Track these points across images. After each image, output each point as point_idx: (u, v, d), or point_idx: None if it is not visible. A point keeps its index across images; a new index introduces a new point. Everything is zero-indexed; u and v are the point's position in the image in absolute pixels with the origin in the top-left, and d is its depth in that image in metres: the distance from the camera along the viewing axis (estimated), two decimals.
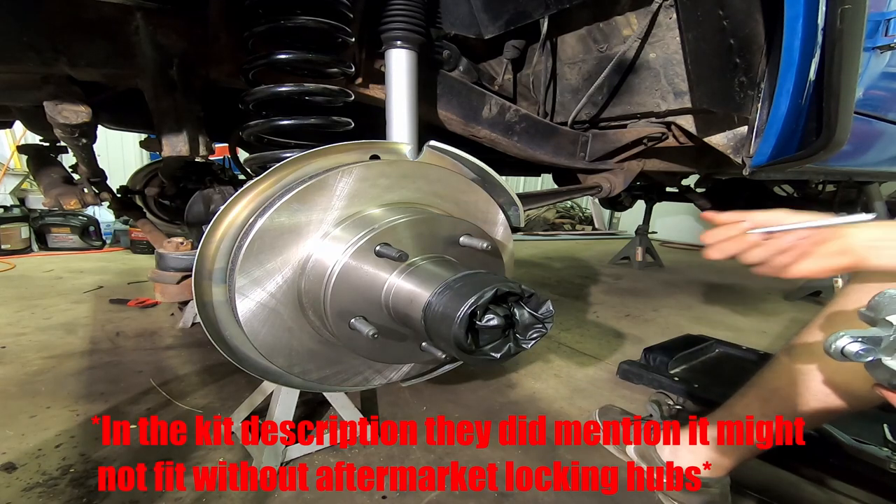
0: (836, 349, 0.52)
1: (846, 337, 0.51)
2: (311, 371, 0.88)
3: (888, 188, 3.26)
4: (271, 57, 0.88)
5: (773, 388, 0.93)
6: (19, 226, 3.60)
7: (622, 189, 1.55)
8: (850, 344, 0.51)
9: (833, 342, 0.52)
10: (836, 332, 0.52)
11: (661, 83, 1.20)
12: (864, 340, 0.50)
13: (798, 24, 0.87)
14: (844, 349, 0.51)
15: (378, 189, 0.83)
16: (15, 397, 1.35)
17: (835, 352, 0.52)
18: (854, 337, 0.51)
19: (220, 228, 0.76)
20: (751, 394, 0.97)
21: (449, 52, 1.17)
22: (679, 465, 1.02)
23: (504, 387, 1.53)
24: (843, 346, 0.51)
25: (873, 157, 1.47)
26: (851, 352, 0.51)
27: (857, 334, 0.51)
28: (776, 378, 0.94)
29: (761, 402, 0.95)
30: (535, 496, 1.03)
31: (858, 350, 0.51)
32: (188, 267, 0.95)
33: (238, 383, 1.46)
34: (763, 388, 0.96)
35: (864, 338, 0.51)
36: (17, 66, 0.80)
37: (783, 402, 0.91)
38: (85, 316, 2.10)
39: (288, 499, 0.98)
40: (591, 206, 6.83)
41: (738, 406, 0.98)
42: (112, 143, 4.64)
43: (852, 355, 0.51)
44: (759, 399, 0.95)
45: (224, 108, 1.20)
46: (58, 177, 1.39)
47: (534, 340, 0.73)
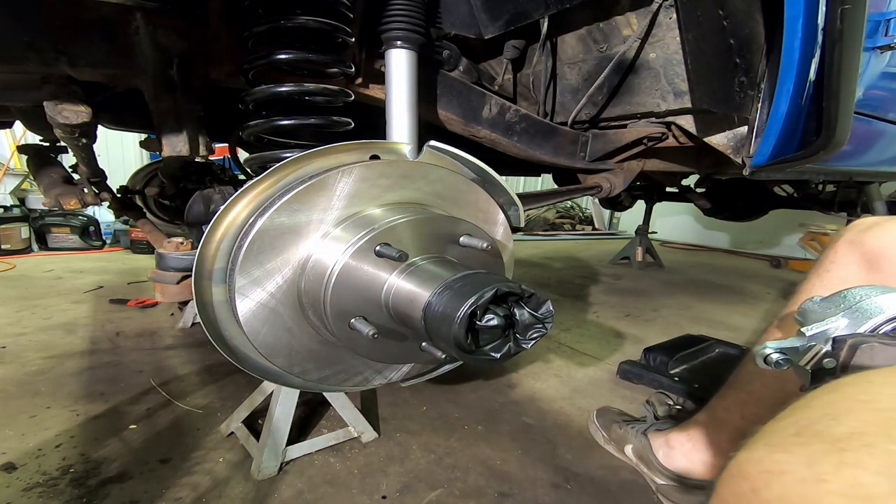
0: (760, 357, 0.54)
1: (768, 348, 0.54)
2: (311, 371, 0.88)
3: (888, 188, 3.26)
4: (271, 57, 0.88)
5: (749, 391, 0.94)
6: (19, 226, 3.60)
7: (622, 189, 1.55)
8: (772, 354, 0.54)
9: (759, 351, 0.54)
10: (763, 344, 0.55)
11: (661, 83, 1.20)
12: (785, 351, 0.53)
13: (798, 24, 0.88)
14: (767, 358, 0.54)
15: (378, 189, 0.83)
16: (15, 397, 1.35)
17: (759, 361, 0.55)
18: (774, 348, 0.54)
19: (220, 228, 0.76)
20: (729, 396, 0.98)
21: (449, 52, 1.17)
22: (675, 467, 1.02)
23: (504, 387, 1.53)
24: (766, 355, 0.54)
25: (873, 157, 1.47)
26: (773, 360, 0.53)
27: (777, 346, 0.54)
28: (750, 380, 0.95)
29: (740, 404, 0.95)
30: (535, 496, 1.03)
31: (778, 360, 0.53)
32: (188, 267, 0.96)
33: (238, 383, 1.46)
34: (740, 389, 0.97)
35: (785, 349, 0.53)
36: (17, 66, 0.80)
37: (760, 402, 0.92)
38: (85, 316, 2.10)
39: (288, 499, 0.98)
40: (591, 206, 6.82)
41: (719, 409, 0.99)
42: (112, 143, 4.64)
43: (773, 364, 0.53)
44: (738, 402, 0.96)
45: (224, 108, 1.20)
46: (58, 177, 1.39)
47: (534, 340, 0.73)
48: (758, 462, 0.33)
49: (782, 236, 4.89)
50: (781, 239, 4.90)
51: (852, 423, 0.32)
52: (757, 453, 0.34)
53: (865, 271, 0.83)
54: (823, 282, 0.88)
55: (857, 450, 0.29)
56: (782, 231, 4.83)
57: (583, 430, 1.29)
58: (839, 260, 0.87)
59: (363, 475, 1.07)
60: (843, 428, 0.32)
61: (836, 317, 0.53)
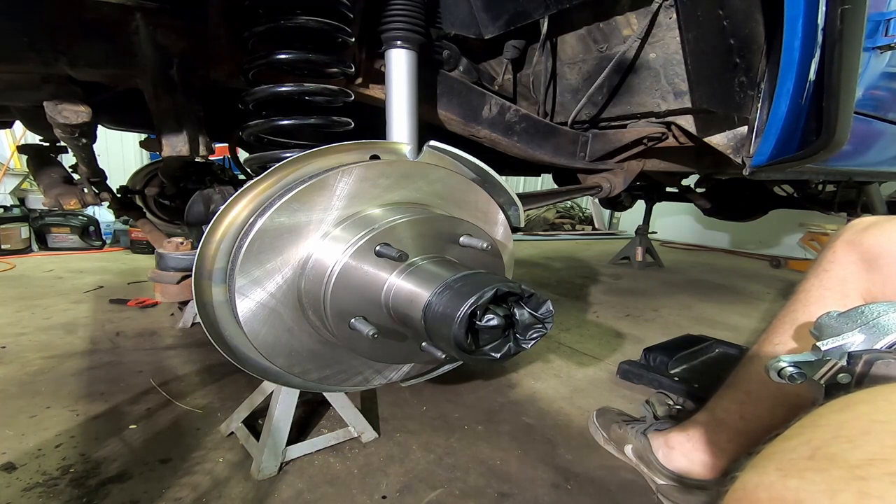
0: (774, 371, 0.54)
1: (783, 361, 0.54)
2: (311, 371, 0.88)
3: (888, 188, 3.26)
4: (271, 57, 0.88)
5: (748, 391, 0.94)
6: (19, 226, 3.60)
7: (622, 189, 1.55)
8: (787, 367, 0.54)
9: (773, 365, 0.54)
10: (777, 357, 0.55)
11: (661, 83, 1.20)
12: (800, 365, 0.53)
13: (798, 24, 0.88)
14: (781, 372, 0.54)
15: (378, 189, 0.83)
16: (15, 397, 1.35)
17: (773, 375, 0.55)
18: (789, 362, 0.54)
19: (220, 228, 0.76)
20: (728, 396, 0.98)
21: (449, 52, 1.17)
22: (674, 466, 1.02)
23: (504, 387, 1.53)
24: (780, 368, 0.54)
25: (873, 157, 1.47)
26: (787, 374, 0.53)
27: (792, 360, 0.54)
28: (749, 380, 0.94)
29: (739, 404, 0.95)
30: (534, 496, 1.03)
31: (793, 373, 0.53)
32: (188, 267, 0.96)
33: (238, 383, 1.46)
34: (738, 390, 0.96)
35: (800, 363, 0.53)
36: (17, 66, 0.80)
37: (759, 403, 0.92)
38: (85, 316, 2.09)
39: (288, 499, 0.98)
40: (591, 206, 6.82)
41: (717, 409, 0.99)
42: (112, 143, 4.64)
43: (788, 378, 0.54)
44: (737, 402, 0.96)
45: (224, 108, 1.20)
46: (58, 177, 1.39)
47: (534, 340, 0.73)
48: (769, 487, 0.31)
49: (782, 236, 4.89)
50: (781, 239, 4.90)
51: (871, 448, 0.30)
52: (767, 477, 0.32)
53: (864, 271, 0.83)
54: (822, 281, 0.88)
55: (880, 479, 0.27)
56: (782, 231, 4.84)
57: (583, 430, 1.29)
58: (838, 260, 0.87)
59: (363, 475, 1.07)
60: (861, 452, 0.30)
61: (852, 332, 0.53)
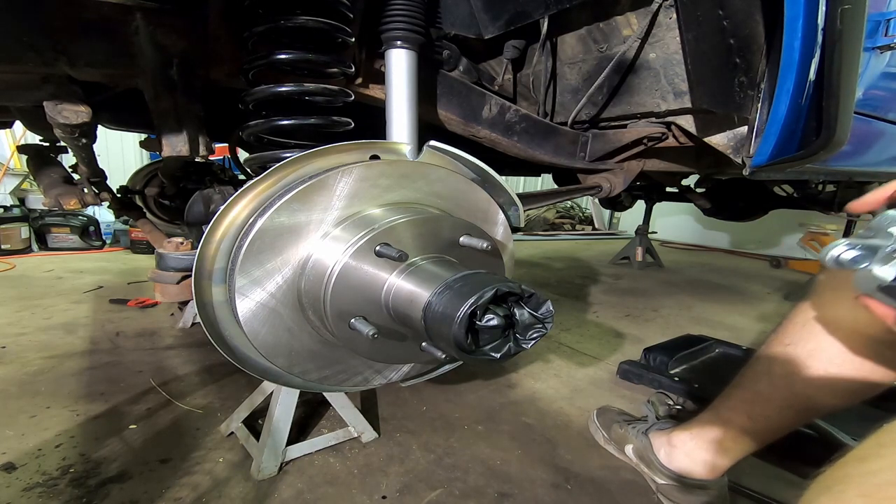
0: (832, 258, 0.51)
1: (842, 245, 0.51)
2: (311, 371, 0.88)
3: None
4: (271, 57, 0.88)
5: (756, 391, 0.93)
6: (19, 226, 3.60)
7: (622, 189, 1.55)
8: (846, 251, 0.51)
9: (829, 251, 0.51)
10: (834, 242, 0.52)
11: (661, 83, 1.20)
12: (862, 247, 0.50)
13: (798, 24, 0.87)
14: (839, 257, 0.51)
15: (378, 189, 0.83)
16: (15, 397, 1.35)
17: (829, 260, 0.51)
18: (851, 245, 0.50)
19: (220, 228, 0.76)
20: (735, 395, 0.97)
21: (449, 52, 1.17)
22: (676, 466, 1.02)
23: (504, 387, 1.53)
24: (839, 254, 0.51)
25: (873, 157, 1.47)
26: (845, 259, 0.50)
27: (855, 242, 0.50)
28: (757, 380, 0.94)
29: (746, 404, 0.95)
30: (534, 496, 1.03)
31: (854, 256, 0.50)
32: (188, 267, 0.96)
33: (238, 383, 1.46)
34: (746, 389, 0.96)
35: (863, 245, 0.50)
36: (17, 66, 0.80)
37: (767, 403, 0.91)
38: (85, 316, 2.10)
39: (288, 499, 0.98)
40: (591, 206, 6.82)
41: (723, 408, 0.98)
42: (112, 143, 4.64)
43: (846, 263, 0.51)
44: (744, 401, 0.95)
45: (224, 108, 1.20)
46: (58, 177, 1.39)
47: (534, 340, 0.73)
48: None
49: (782, 236, 4.89)
50: (781, 239, 4.91)
51: None
52: None
53: None
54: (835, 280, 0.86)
55: None
56: (782, 231, 4.84)
57: (583, 430, 1.29)
58: None
59: (363, 475, 1.07)
60: None
61: None
